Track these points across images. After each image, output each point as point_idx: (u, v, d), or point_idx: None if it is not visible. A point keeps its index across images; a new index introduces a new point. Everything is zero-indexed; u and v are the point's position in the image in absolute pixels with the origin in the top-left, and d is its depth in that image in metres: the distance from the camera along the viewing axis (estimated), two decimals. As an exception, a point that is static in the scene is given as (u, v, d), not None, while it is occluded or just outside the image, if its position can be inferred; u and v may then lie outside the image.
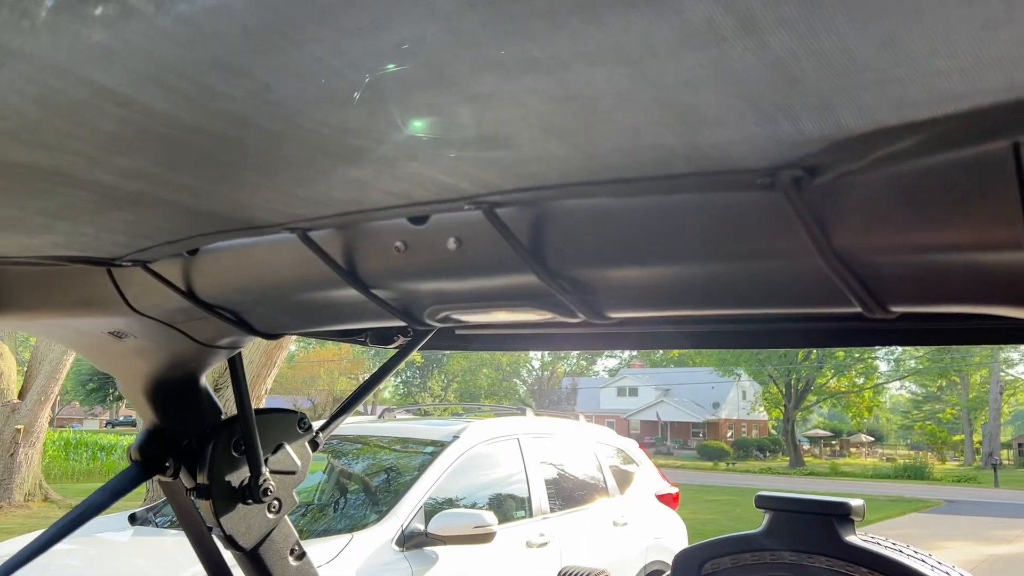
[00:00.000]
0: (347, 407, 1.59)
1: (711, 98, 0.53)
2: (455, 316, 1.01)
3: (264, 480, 1.38)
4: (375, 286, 0.97)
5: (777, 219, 0.70)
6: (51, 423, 20.92)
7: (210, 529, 1.42)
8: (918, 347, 43.95)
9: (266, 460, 1.40)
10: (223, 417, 1.42)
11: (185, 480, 1.38)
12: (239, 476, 1.37)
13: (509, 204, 0.81)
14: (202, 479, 1.36)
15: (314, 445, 1.49)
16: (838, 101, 0.53)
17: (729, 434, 52.86)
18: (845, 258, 0.69)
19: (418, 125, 0.61)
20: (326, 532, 4.82)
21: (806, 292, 0.78)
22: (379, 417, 7.26)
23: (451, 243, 0.88)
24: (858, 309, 0.75)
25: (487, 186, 0.76)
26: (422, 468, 5.28)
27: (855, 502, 1.77)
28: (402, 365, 1.63)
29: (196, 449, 1.37)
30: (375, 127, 0.62)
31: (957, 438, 50.70)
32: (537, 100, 0.55)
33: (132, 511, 5.51)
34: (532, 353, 57.16)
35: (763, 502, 1.86)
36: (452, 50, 0.49)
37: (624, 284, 0.84)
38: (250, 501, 1.37)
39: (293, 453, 1.44)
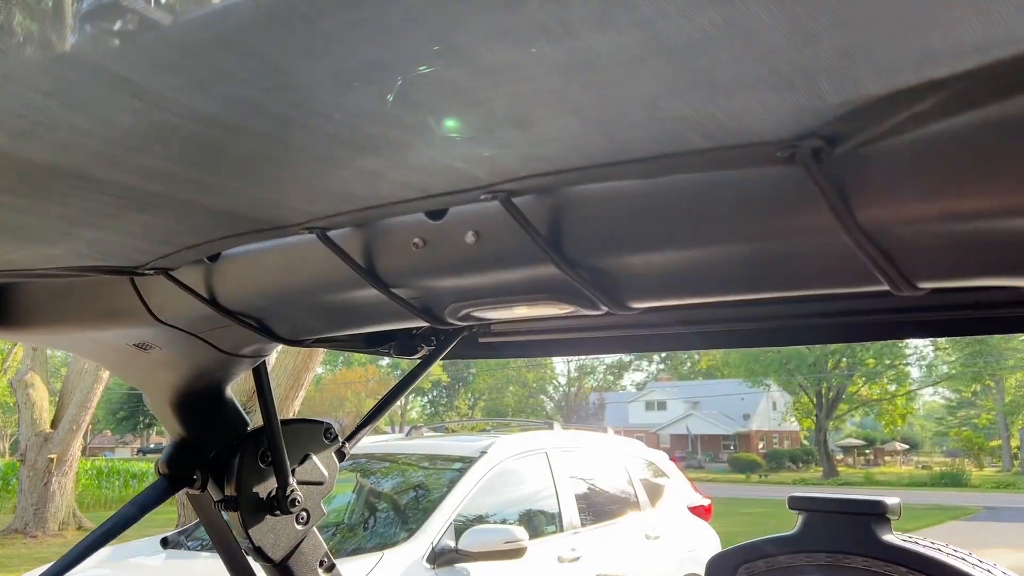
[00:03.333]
0: (373, 416, 1.59)
1: (725, 59, 0.52)
2: (476, 313, 1.00)
3: (292, 491, 1.37)
4: (395, 285, 0.96)
5: (798, 195, 0.69)
6: (83, 452, 21.12)
7: (239, 542, 1.42)
8: (950, 351, 43.34)
9: (293, 471, 1.39)
10: (249, 428, 1.42)
11: (213, 492, 1.38)
12: (267, 487, 1.37)
13: (526, 192, 0.80)
14: (230, 491, 1.36)
15: (341, 455, 1.49)
16: (856, 58, 0.52)
17: (760, 446, 52.22)
18: (869, 232, 0.67)
19: (430, 105, 0.61)
20: (356, 551, 4.81)
21: (831, 271, 0.76)
22: (406, 435, 7.26)
23: (469, 236, 0.87)
24: (886, 287, 0.73)
25: (503, 173, 0.75)
26: (451, 484, 5.26)
27: (891, 500, 1.73)
28: (426, 377, 1.63)
29: (223, 461, 1.37)
30: (387, 110, 0.62)
31: (994, 443, 49.68)
32: (548, 71, 0.55)
33: (164, 535, 5.54)
34: (558, 369, 57.03)
35: (797, 503, 1.82)
36: (461, 18, 0.49)
37: (644, 271, 0.82)
38: (278, 512, 1.37)
39: (320, 463, 1.44)
